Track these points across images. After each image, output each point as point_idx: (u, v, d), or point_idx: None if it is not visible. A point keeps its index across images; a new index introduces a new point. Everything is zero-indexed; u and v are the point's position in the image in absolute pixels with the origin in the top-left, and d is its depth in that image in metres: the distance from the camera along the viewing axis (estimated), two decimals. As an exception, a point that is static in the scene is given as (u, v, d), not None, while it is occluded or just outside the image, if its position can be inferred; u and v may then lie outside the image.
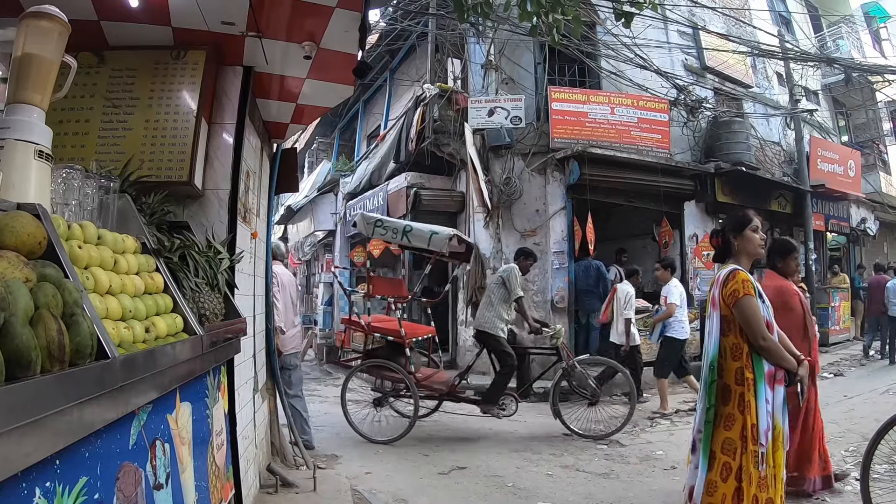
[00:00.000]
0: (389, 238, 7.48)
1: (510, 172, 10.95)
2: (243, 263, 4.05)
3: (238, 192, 3.85)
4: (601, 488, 5.30)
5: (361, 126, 17.92)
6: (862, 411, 7.43)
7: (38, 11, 2.09)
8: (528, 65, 11.77)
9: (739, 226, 3.49)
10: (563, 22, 4.91)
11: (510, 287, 7.39)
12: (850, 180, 16.26)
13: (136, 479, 1.85)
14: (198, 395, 2.66)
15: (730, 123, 13.11)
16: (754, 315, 3.22)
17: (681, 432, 7.17)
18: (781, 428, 3.22)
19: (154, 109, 3.45)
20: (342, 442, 6.92)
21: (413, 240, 7.45)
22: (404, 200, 11.81)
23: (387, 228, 7.57)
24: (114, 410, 1.64)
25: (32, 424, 1.19)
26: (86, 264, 1.92)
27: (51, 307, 1.42)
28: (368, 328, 7.53)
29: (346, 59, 4.04)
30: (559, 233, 10.82)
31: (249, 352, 4.50)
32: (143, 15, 3.32)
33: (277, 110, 4.95)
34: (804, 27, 18.63)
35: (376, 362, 7.36)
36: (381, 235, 7.61)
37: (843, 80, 17.66)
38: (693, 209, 12.49)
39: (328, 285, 16.49)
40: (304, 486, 4.93)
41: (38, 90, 2.11)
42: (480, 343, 7.59)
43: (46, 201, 2.03)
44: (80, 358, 1.48)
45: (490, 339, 7.33)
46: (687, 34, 13.81)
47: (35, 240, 1.59)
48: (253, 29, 3.55)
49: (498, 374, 7.27)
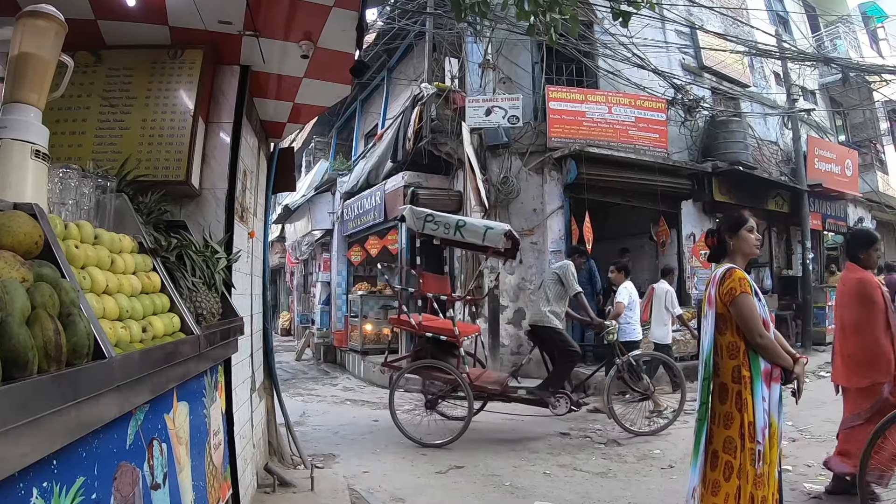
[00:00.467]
0: (441, 233, 7.29)
1: (508, 172, 10.96)
2: (240, 263, 4.05)
3: (235, 192, 3.84)
4: (599, 487, 5.31)
5: (359, 125, 17.90)
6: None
7: (35, 11, 2.09)
8: (525, 64, 11.77)
9: (735, 226, 3.48)
10: (561, 21, 4.91)
11: (567, 283, 7.45)
12: (847, 180, 16.26)
13: (134, 479, 1.85)
14: (195, 394, 2.65)
15: (727, 123, 13.13)
16: (751, 313, 3.22)
17: (678, 431, 7.17)
18: (777, 426, 3.21)
19: (151, 109, 3.44)
20: (339, 441, 6.92)
21: (466, 235, 7.30)
22: (402, 200, 11.80)
23: (438, 223, 7.34)
24: (111, 410, 1.64)
25: (29, 425, 1.19)
26: (83, 264, 1.91)
27: (47, 307, 1.42)
28: (420, 328, 7.32)
29: (344, 58, 4.04)
30: (556, 232, 10.82)
31: (247, 351, 4.50)
32: (140, 14, 3.32)
33: (275, 109, 4.94)
34: (802, 27, 18.64)
35: (428, 363, 7.14)
36: (432, 230, 7.37)
37: (840, 80, 17.65)
38: (690, 208, 12.50)
39: (325, 284, 16.48)
40: (302, 486, 4.93)
41: (34, 90, 2.10)
42: (536, 339, 7.64)
43: (43, 201, 2.03)
44: (77, 358, 1.48)
45: (551, 333, 7.38)
46: (684, 34, 13.82)
47: (32, 239, 1.59)
48: (250, 28, 3.55)
49: (560, 363, 7.33)
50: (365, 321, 13.24)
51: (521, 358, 10.54)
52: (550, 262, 10.71)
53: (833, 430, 6.63)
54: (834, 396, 4.95)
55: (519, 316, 10.81)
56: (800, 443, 6.53)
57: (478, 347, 8.38)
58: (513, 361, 10.63)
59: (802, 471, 5.39)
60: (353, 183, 14.77)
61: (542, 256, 10.83)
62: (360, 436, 7.21)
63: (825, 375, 10.16)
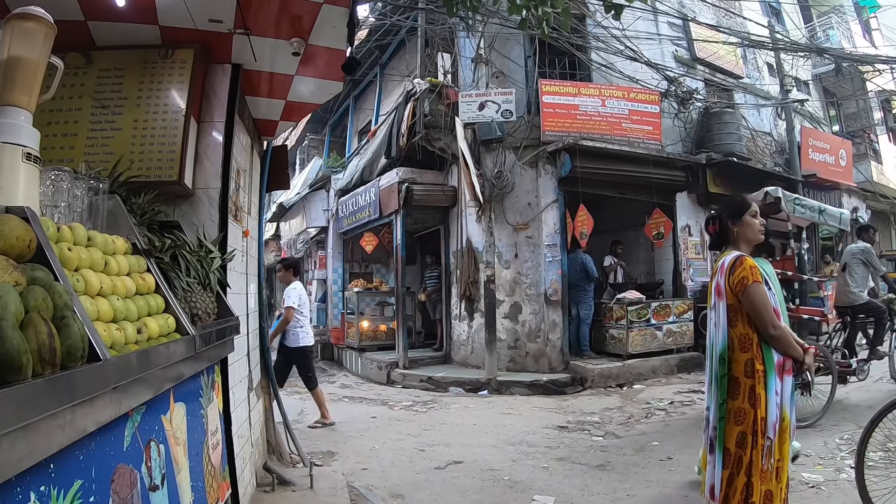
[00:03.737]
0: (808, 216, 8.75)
1: (502, 166, 10.94)
2: (235, 262, 4.04)
3: (228, 191, 3.84)
4: (597, 480, 5.32)
5: (352, 122, 17.86)
6: (855, 399, 7.51)
7: (24, 13, 2.08)
8: (518, 58, 11.75)
9: (738, 211, 3.35)
10: (553, 14, 4.90)
11: (873, 263, 8.03)
12: (841, 170, 16.32)
13: (132, 480, 1.85)
14: (192, 395, 2.65)
15: (721, 114, 13.13)
16: (764, 303, 3.08)
17: (676, 423, 7.20)
18: (789, 419, 3.11)
19: (143, 109, 3.44)
20: (338, 439, 6.93)
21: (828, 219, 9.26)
22: (396, 196, 11.80)
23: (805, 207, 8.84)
24: (107, 413, 1.64)
25: (25, 429, 1.19)
26: (76, 266, 1.91)
27: (41, 310, 1.42)
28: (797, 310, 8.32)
29: (335, 54, 4.04)
30: (551, 226, 10.82)
31: (243, 350, 4.50)
32: (130, 14, 3.31)
33: (267, 108, 4.94)
34: (794, 17, 18.66)
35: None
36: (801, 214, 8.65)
37: (833, 70, 17.65)
38: (685, 200, 12.52)
39: (321, 282, 16.46)
40: (301, 484, 4.94)
41: (24, 92, 2.09)
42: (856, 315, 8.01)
43: (35, 204, 2.02)
44: (72, 361, 1.48)
45: (870, 305, 7.91)
46: (677, 26, 13.81)
47: (24, 243, 1.58)
48: (241, 26, 3.54)
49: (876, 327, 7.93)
50: (362, 318, 13.23)
51: (519, 352, 10.60)
52: (545, 257, 10.72)
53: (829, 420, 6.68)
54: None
55: (515, 310, 10.83)
56: (797, 432, 6.54)
57: None
58: (509, 356, 10.67)
59: (800, 460, 5.39)
60: (348, 180, 14.76)
61: (538, 250, 10.83)
62: (359, 433, 7.21)
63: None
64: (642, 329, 10.56)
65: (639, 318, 10.53)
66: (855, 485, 3.97)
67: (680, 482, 5.14)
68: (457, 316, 11.73)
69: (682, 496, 4.79)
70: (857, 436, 4.16)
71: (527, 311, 10.80)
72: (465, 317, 11.45)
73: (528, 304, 10.82)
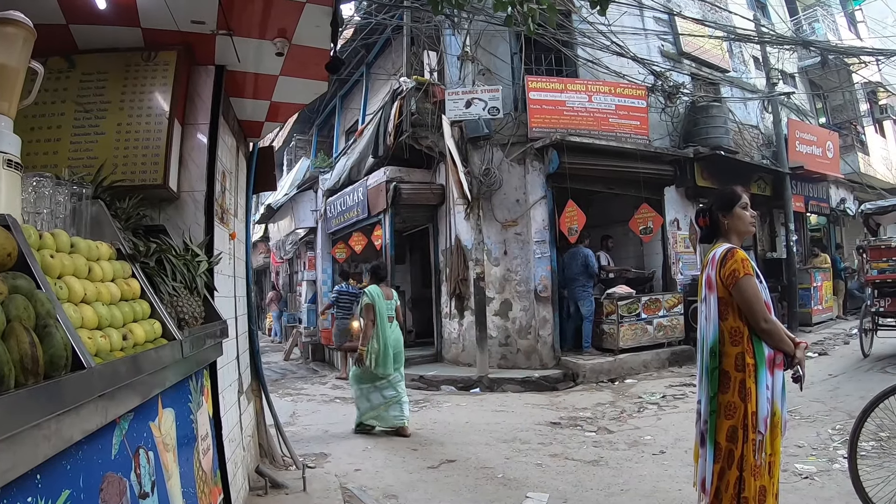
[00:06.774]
0: None
1: (489, 163, 10.95)
2: (222, 265, 4.02)
3: (214, 194, 3.81)
4: (591, 475, 5.33)
5: (339, 122, 17.82)
6: (847, 389, 7.53)
7: (3, 17, 2.04)
8: (504, 55, 11.75)
9: (729, 203, 3.32)
10: (539, 11, 4.90)
11: None
12: (828, 161, 16.42)
13: (121, 489, 1.83)
14: (180, 400, 2.63)
15: (707, 108, 13.18)
16: (755, 296, 3.06)
17: (668, 417, 7.22)
18: (781, 414, 3.09)
19: (126, 112, 3.40)
20: (330, 440, 6.91)
21: None
22: (384, 195, 11.79)
23: None
24: (93, 421, 1.63)
25: (9, 440, 1.17)
26: (59, 273, 1.88)
27: (23, 320, 1.40)
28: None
29: (319, 54, 4.02)
30: (540, 222, 10.83)
31: (232, 354, 4.47)
32: (111, 17, 3.27)
33: (252, 109, 4.91)
34: (780, 11, 18.76)
35: None
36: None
37: (819, 63, 17.77)
38: (673, 194, 12.55)
39: (311, 283, 16.42)
40: (294, 487, 4.92)
41: (4, 98, 2.06)
42: None
43: (17, 211, 1.99)
44: (55, 370, 1.46)
45: None
46: (663, 20, 13.83)
47: (5, 251, 1.56)
48: (223, 27, 3.52)
49: None
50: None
51: (510, 349, 10.61)
52: (535, 253, 10.75)
53: (821, 409, 6.73)
54: (822, 377, 4.98)
55: (505, 307, 10.84)
56: (789, 423, 6.57)
57: None
58: (501, 353, 10.67)
59: (793, 451, 5.42)
60: (336, 180, 14.73)
61: (527, 247, 10.84)
62: (351, 433, 7.20)
63: (812, 356, 10.28)
64: (633, 324, 10.58)
65: (629, 312, 10.55)
66: (848, 474, 4.00)
67: (674, 476, 5.15)
68: (447, 314, 11.73)
69: (675, 490, 4.81)
70: (850, 426, 4.18)
71: (517, 308, 10.81)
72: (456, 315, 11.44)
73: (518, 300, 10.83)
